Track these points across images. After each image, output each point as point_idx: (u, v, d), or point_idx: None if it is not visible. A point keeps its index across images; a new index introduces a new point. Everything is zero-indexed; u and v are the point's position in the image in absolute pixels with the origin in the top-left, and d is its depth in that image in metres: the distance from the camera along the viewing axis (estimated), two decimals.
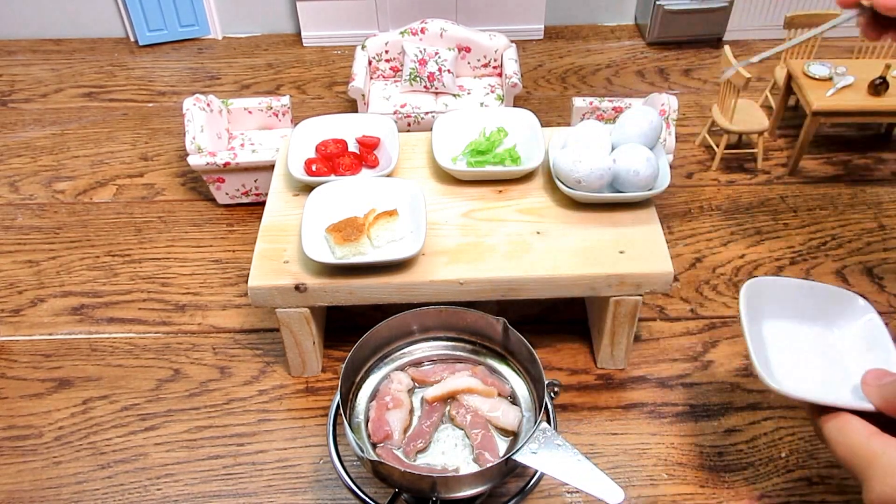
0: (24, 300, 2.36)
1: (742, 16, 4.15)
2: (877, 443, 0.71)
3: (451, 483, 1.15)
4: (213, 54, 4.07)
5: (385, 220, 1.77)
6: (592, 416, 1.93)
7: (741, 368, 2.05)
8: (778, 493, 1.74)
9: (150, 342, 2.19)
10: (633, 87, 3.71)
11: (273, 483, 1.79)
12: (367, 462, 1.18)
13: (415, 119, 3.14)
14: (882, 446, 0.70)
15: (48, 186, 2.92)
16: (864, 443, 0.72)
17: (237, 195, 2.73)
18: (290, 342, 1.92)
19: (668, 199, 2.80)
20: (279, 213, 1.93)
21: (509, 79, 3.16)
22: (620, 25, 4.35)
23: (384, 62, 3.35)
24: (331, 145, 2.12)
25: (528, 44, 4.12)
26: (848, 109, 2.83)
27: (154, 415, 1.96)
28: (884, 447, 0.70)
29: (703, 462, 1.81)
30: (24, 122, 3.39)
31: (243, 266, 2.47)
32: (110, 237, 2.63)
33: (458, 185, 2.01)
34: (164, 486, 1.79)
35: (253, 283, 1.74)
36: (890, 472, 0.67)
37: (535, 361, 1.28)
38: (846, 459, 0.74)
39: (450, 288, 1.75)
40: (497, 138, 2.12)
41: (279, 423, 1.93)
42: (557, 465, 1.11)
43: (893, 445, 0.70)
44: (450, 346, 1.44)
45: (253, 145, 2.88)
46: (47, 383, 2.07)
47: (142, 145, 3.20)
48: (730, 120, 2.93)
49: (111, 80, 3.77)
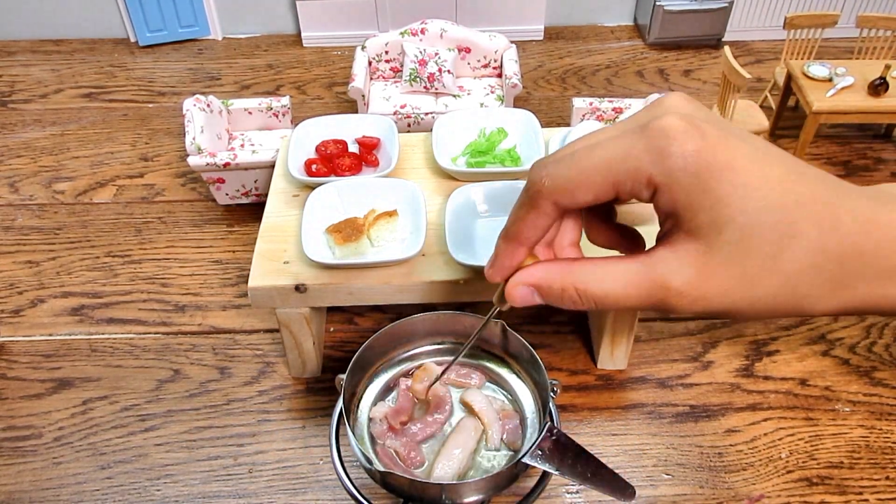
0: (24, 301, 2.36)
1: (742, 16, 4.15)
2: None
3: (460, 490, 1.15)
4: (213, 55, 4.07)
5: (385, 221, 1.77)
6: (592, 416, 1.93)
7: (741, 369, 2.05)
8: (778, 494, 1.74)
9: (150, 342, 2.19)
10: (633, 88, 3.71)
11: (273, 483, 1.79)
12: (375, 473, 1.18)
13: (415, 119, 3.14)
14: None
15: (48, 187, 2.92)
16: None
17: (237, 195, 2.73)
18: (290, 343, 1.92)
19: None
20: (279, 213, 1.93)
21: (509, 79, 3.16)
22: (620, 26, 4.35)
23: (384, 63, 3.35)
24: (331, 146, 2.12)
25: (528, 44, 4.12)
26: (848, 110, 2.83)
27: (154, 415, 1.96)
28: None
29: (703, 462, 1.81)
30: (24, 123, 3.39)
31: (243, 266, 2.47)
32: (110, 238, 2.63)
33: (458, 186, 2.01)
34: (163, 486, 1.79)
35: (253, 284, 1.74)
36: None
37: (536, 363, 1.28)
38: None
39: (450, 288, 1.74)
40: (497, 139, 2.12)
41: (279, 424, 1.93)
42: (567, 466, 1.11)
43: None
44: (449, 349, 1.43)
45: (253, 146, 2.88)
46: (47, 384, 2.07)
47: (142, 146, 3.20)
48: (730, 120, 2.93)
49: (111, 81, 3.78)
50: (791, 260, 0.37)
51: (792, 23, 3.27)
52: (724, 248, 0.38)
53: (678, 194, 0.38)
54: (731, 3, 3.98)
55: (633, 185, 0.40)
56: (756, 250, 0.38)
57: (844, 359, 2.07)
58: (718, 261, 0.39)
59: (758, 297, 0.39)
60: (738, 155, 0.38)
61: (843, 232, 0.37)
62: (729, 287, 0.39)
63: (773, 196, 0.37)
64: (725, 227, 0.38)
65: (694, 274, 0.39)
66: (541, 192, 0.43)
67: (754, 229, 0.37)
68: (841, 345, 2.11)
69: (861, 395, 1.97)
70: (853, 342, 2.12)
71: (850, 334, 2.15)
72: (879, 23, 3.28)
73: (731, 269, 0.38)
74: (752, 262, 0.38)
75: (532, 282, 0.47)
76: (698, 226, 0.38)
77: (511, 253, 0.48)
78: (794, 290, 0.38)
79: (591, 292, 0.44)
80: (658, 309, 0.42)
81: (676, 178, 0.38)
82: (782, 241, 0.37)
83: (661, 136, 0.38)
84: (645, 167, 0.38)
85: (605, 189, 0.41)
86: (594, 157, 0.40)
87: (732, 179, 0.37)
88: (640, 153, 0.39)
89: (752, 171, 0.37)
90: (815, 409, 1.93)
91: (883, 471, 1.78)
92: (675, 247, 0.40)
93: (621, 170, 0.39)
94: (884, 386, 1.99)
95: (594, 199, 0.41)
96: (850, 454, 1.82)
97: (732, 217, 0.37)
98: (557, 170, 0.42)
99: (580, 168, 0.41)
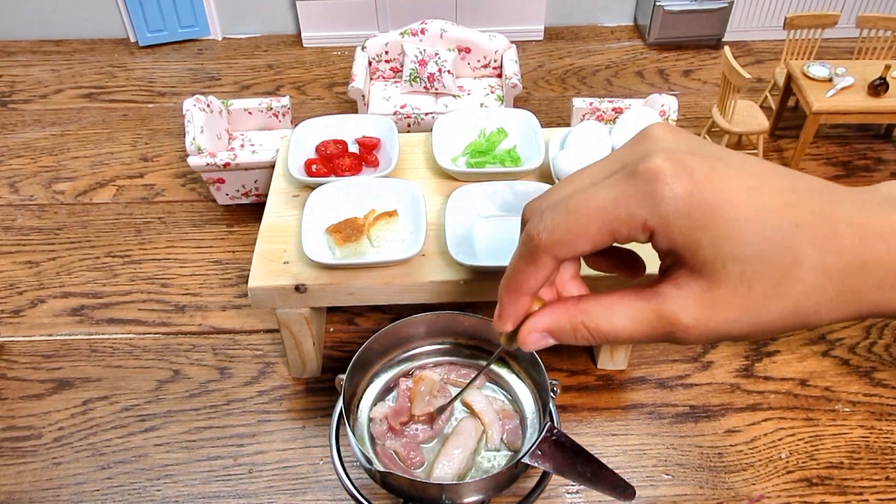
0: (24, 301, 2.36)
1: (742, 17, 4.15)
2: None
3: (460, 490, 1.15)
4: (213, 55, 4.07)
5: (385, 221, 1.77)
6: (592, 416, 1.93)
7: (741, 369, 2.05)
8: (778, 494, 1.74)
9: (150, 343, 2.19)
10: (633, 88, 3.71)
11: (273, 484, 1.79)
12: (375, 473, 1.18)
13: (415, 120, 3.14)
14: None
15: (48, 187, 2.92)
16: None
17: (237, 196, 2.73)
18: (290, 343, 1.92)
19: None
20: (279, 213, 1.93)
21: (509, 79, 3.16)
22: (620, 26, 4.35)
23: (384, 63, 3.35)
24: (331, 146, 2.12)
25: (528, 44, 4.12)
26: (848, 110, 2.84)
27: (154, 415, 1.96)
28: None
29: (703, 462, 1.81)
30: (24, 123, 3.39)
31: (243, 267, 2.47)
32: (110, 238, 2.63)
33: (458, 186, 2.01)
34: (163, 486, 1.79)
35: (253, 284, 1.74)
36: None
37: (536, 363, 1.28)
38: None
39: (450, 288, 1.74)
40: (497, 139, 2.12)
41: (279, 424, 1.93)
42: (567, 466, 1.11)
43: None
44: (448, 350, 1.43)
45: (253, 146, 2.88)
46: (47, 384, 2.07)
47: (142, 146, 3.20)
48: (729, 121, 2.93)
49: (111, 81, 3.78)
50: (795, 284, 0.37)
51: (792, 23, 3.27)
52: (728, 283, 0.38)
53: (675, 236, 0.38)
54: (731, 4, 3.98)
55: (630, 230, 0.40)
56: (760, 280, 0.38)
57: (844, 359, 2.07)
58: (723, 295, 0.39)
59: (764, 322, 0.39)
60: (728, 187, 0.37)
61: (844, 246, 0.37)
62: (735, 318, 0.39)
63: (771, 223, 0.37)
64: (727, 262, 0.38)
65: (700, 310, 0.40)
66: (539, 246, 0.43)
67: (756, 260, 0.37)
68: (841, 345, 2.11)
69: (861, 395, 1.97)
70: (853, 342, 2.12)
71: (850, 335, 2.15)
72: (879, 23, 3.28)
73: (736, 301, 0.39)
74: (756, 292, 0.38)
75: (542, 327, 0.48)
76: (701, 263, 0.39)
77: (516, 303, 0.49)
78: (801, 311, 0.38)
79: (601, 330, 0.44)
80: (666, 341, 0.43)
81: (671, 222, 0.38)
82: (785, 267, 0.37)
83: (651, 180, 0.38)
84: (639, 213, 0.39)
85: (602, 237, 0.41)
86: (588, 206, 0.40)
87: (726, 214, 0.37)
88: (631, 199, 0.39)
89: (746, 201, 0.37)
90: (815, 409, 1.93)
91: (883, 471, 1.78)
92: (678, 283, 0.41)
93: (616, 217, 0.39)
94: (884, 386, 1.99)
95: (592, 249, 0.42)
96: (850, 454, 1.82)
97: (732, 252, 0.37)
98: (554, 222, 0.42)
99: (576, 219, 0.41)
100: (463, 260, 1.68)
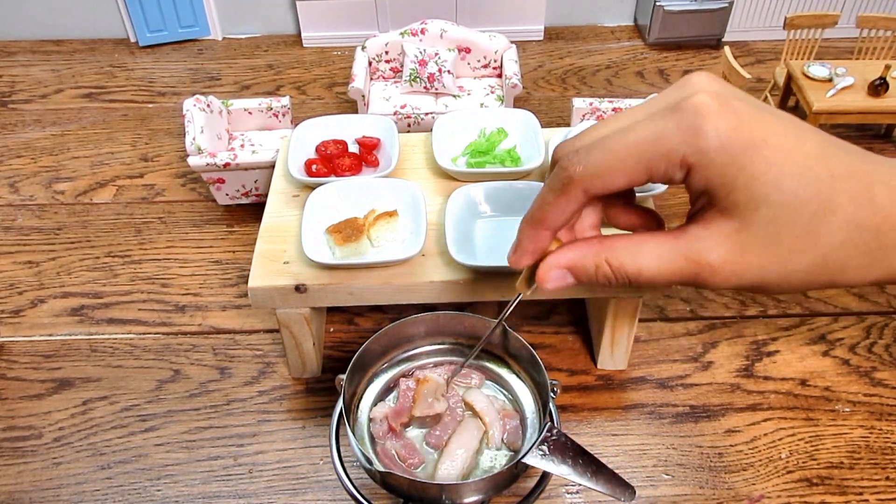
0: (24, 301, 2.36)
1: (742, 17, 4.15)
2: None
3: (460, 490, 1.15)
4: (213, 55, 4.07)
5: (385, 221, 1.77)
6: (592, 416, 1.93)
7: (741, 369, 2.05)
8: (778, 494, 1.74)
9: (150, 343, 2.19)
10: (633, 88, 3.71)
11: (273, 484, 1.79)
12: (375, 473, 1.18)
13: (415, 120, 3.14)
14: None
15: (48, 187, 2.92)
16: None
17: (237, 195, 2.73)
18: (290, 343, 1.92)
19: (668, 200, 2.80)
20: (279, 213, 1.93)
21: (509, 79, 3.16)
22: (620, 26, 4.35)
23: (384, 63, 3.35)
24: (331, 146, 2.12)
25: (528, 44, 4.12)
26: (848, 110, 2.84)
27: (154, 415, 1.96)
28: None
29: (703, 462, 1.81)
30: (24, 123, 3.39)
31: (243, 267, 2.47)
32: (110, 238, 2.63)
33: (458, 186, 2.01)
34: (163, 486, 1.79)
35: (253, 284, 1.74)
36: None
37: (536, 363, 1.28)
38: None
39: (450, 288, 1.75)
40: (497, 139, 2.12)
41: (279, 424, 1.93)
42: (567, 466, 1.11)
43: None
44: (449, 350, 1.43)
45: (253, 146, 2.88)
46: (47, 384, 2.07)
47: (142, 146, 3.20)
48: None
49: (111, 81, 3.78)
50: (827, 235, 0.37)
51: (792, 23, 3.27)
52: (760, 226, 0.38)
53: (712, 173, 0.38)
54: (731, 4, 3.98)
55: (667, 167, 0.39)
56: (792, 227, 0.37)
57: (844, 359, 2.07)
58: (754, 238, 0.38)
59: (792, 272, 0.39)
60: (771, 131, 0.37)
61: (879, 205, 0.37)
62: (764, 263, 0.39)
63: (809, 172, 0.37)
64: (761, 204, 0.37)
65: (728, 251, 0.39)
66: (572, 178, 0.42)
67: (790, 206, 0.37)
68: (841, 345, 2.11)
69: (861, 395, 1.97)
70: (853, 342, 2.12)
71: (851, 334, 2.15)
72: (879, 23, 3.28)
73: (767, 246, 0.38)
74: (787, 238, 0.38)
75: (564, 263, 0.46)
76: (733, 204, 0.38)
77: (536, 237, 0.47)
78: (830, 264, 0.38)
79: (625, 269, 0.43)
80: (691, 284, 0.42)
81: (711, 158, 0.38)
82: (818, 216, 0.37)
83: (694, 115, 0.38)
84: (678, 148, 0.38)
85: (639, 173, 0.40)
86: (627, 141, 0.40)
87: (767, 157, 0.37)
88: (672, 134, 0.38)
89: (787, 147, 0.37)
90: (816, 409, 1.93)
91: (883, 471, 1.78)
92: (708, 224, 0.40)
93: (654, 152, 0.39)
94: (884, 386, 1.99)
95: (627, 184, 0.41)
96: (850, 454, 1.82)
97: (768, 194, 0.37)
98: (591, 156, 0.41)
99: (614, 153, 0.40)
100: (463, 260, 1.68)
